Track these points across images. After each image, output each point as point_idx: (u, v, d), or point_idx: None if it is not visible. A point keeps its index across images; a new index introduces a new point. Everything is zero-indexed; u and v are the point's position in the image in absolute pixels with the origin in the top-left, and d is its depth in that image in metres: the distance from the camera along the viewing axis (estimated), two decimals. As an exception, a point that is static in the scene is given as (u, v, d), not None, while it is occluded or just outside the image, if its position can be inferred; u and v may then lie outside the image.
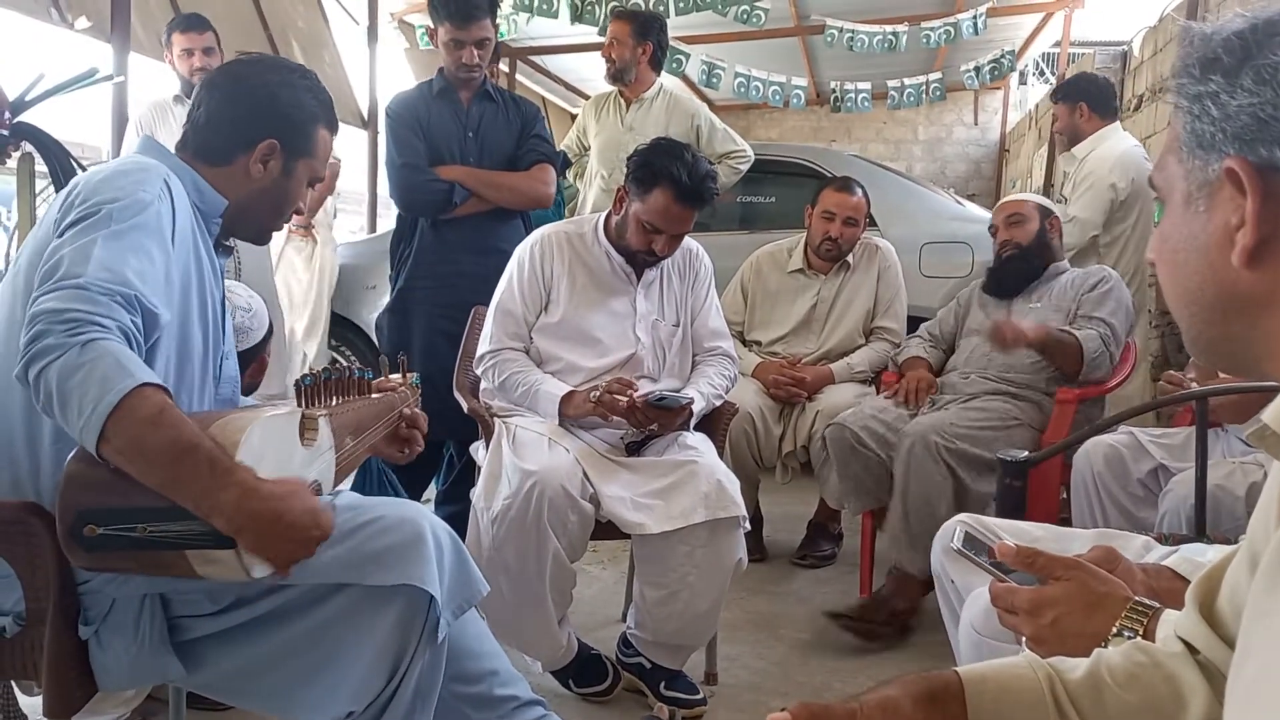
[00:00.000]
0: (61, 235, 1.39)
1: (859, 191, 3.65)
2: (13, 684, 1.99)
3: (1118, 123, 4.35)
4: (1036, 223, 3.27)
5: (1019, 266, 3.27)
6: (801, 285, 3.71)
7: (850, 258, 3.69)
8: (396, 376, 1.92)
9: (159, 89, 4.21)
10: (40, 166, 2.15)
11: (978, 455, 2.82)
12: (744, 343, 3.70)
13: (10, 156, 2.07)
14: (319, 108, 1.71)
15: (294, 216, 1.79)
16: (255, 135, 1.63)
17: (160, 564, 1.30)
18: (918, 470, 2.83)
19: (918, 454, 2.83)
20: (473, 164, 3.25)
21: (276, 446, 1.37)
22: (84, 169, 2.04)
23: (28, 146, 2.09)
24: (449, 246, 3.26)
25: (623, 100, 4.35)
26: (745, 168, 4.40)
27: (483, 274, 3.06)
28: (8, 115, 1.99)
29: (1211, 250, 0.74)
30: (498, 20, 3.26)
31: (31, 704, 2.03)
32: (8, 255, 2.28)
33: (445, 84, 3.28)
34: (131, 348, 1.29)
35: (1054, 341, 2.99)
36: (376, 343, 3.54)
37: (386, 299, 3.49)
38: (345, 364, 2.16)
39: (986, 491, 2.76)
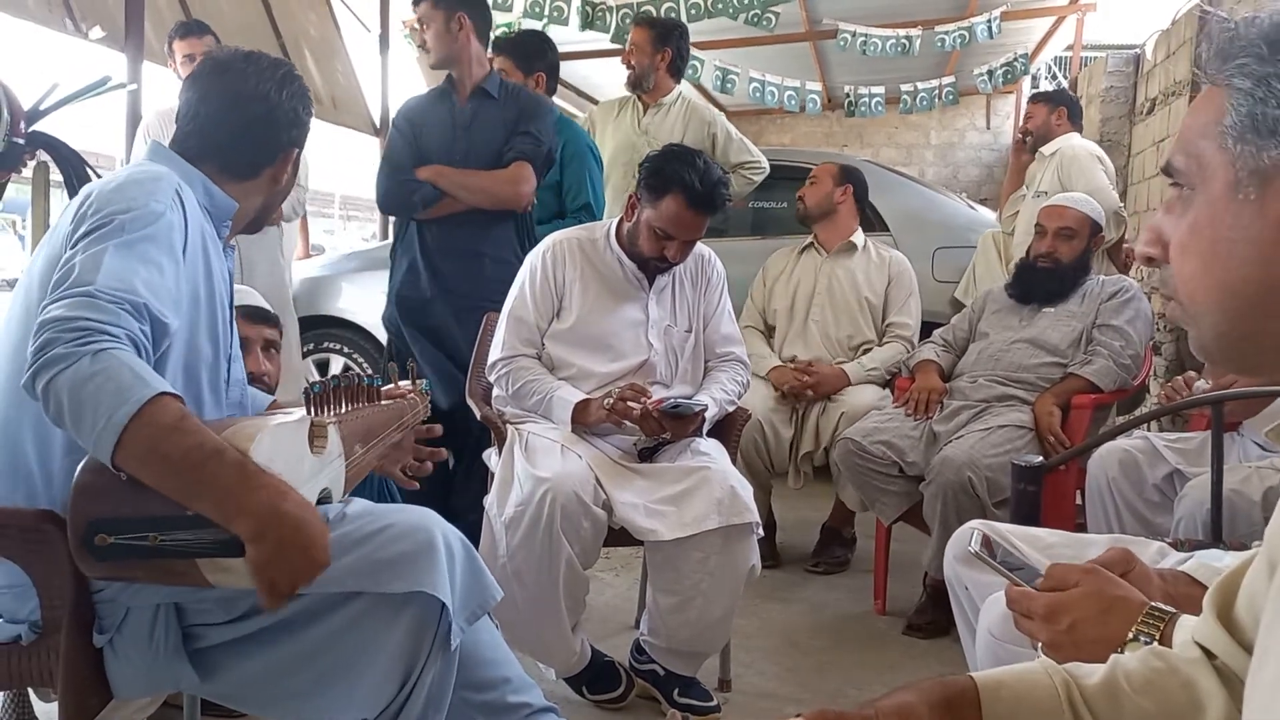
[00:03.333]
0: (74, 246, 1.39)
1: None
2: (29, 691, 2.00)
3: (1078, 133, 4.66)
4: (1084, 241, 3.20)
5: (1049, 284, 3.22)
6: (803, 263, 3.82)
7: (856, 239, 3.77)
8: (406, 383, 1.93)
9: (171, 97, 4.24)
10: (55, 175, 2.16)
11: (1007, 485, 2.81)
12: (769, 336, 3.75)
13: (25, 165, 2.08)
14: (309, 99, 1.76)
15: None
16: (279, 148, 1.69)
17: (172, 572, 1.30)
18: (954, 504, 2.82)
19: (954, 490, 2.82)
20: (458, 163, 3.19)
21: (286, 454, 1.37)
22: (100, 177, 2.05)
23: (43, 155, 2.10)
24: (439, 250, 3.23)
25: (640, 105, 4.36)
26: (759, 179, 4.39)
27: (471, 276, 3.09)
28: (23, 124, 2.00)
29: (1265, 242, 0.71)
30: (457, 6, 3.19)
31: (47, 710, 2.04)
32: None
33: (448, 85, 3.28)
34: (141, 356, 1.29)
35: (1068, 392, 3.02)
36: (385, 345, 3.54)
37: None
38: (356, 370, 2.18)
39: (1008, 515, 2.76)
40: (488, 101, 3.24)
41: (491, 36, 3.49)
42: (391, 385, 1.90)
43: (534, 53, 3.80)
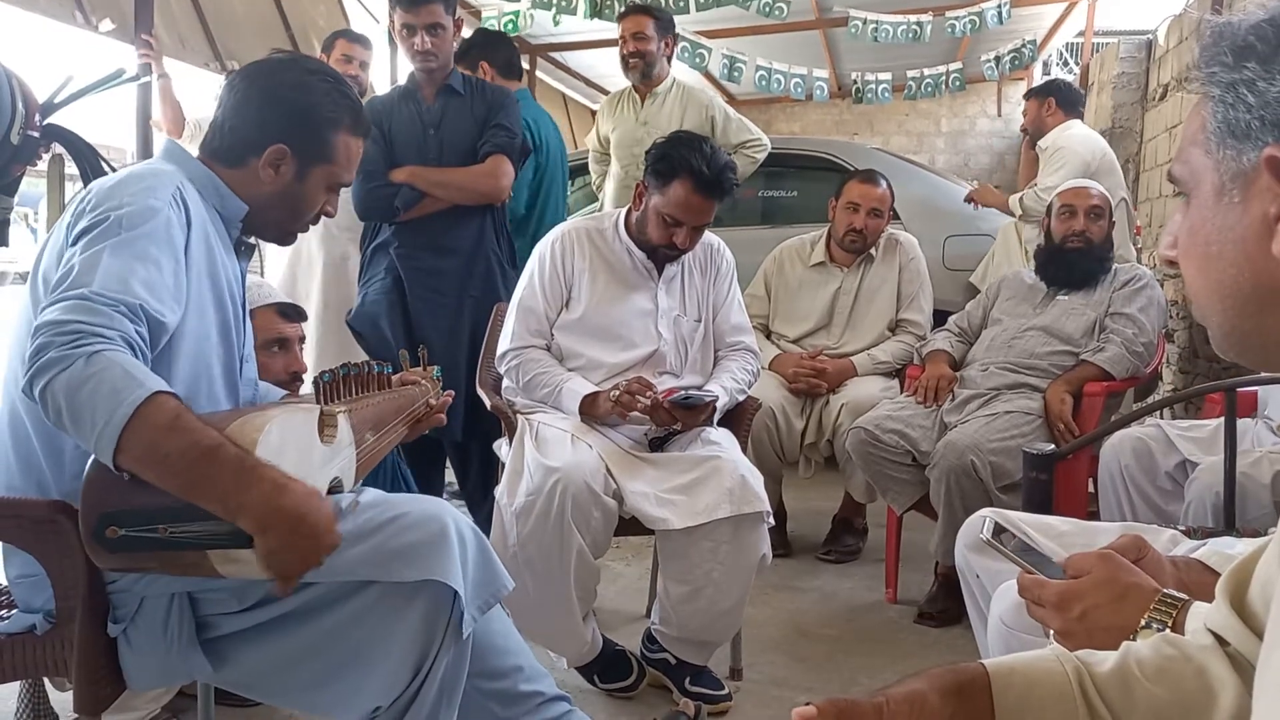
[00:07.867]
0: (74, 244, 1.40)
1: (883, 183, 3.64)
2: (44, 680, 2.01)
3: (1079, 120, 4.58)
4: (1109, 222, 3.21)
5: (1082, 264, 3.17)
6: (824, 278, 3.70)
7: (873, 250, 3.67)
8: (418, 370, 1.93)
9: (181, 91, 4.24)
10: (70, 169, 2.16)
11: (1012, 469, 2.79)
12: (767, 335, 3.70)
13: (41, 159, 2.09)
14: (340, 112, 1.65)
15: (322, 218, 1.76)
16: (265, 139, 1.61)
17: (183, 564, 1.31)
18: (957, 488, 2.82)
19: (957, 474, 2.81)
20: (432, 162, 3.16)
21: (296, 444, 1.37)
22: (114, 170, 2.06)
23: (58, 148, 2.11)
24: (414, 250, 3.21)
25: (637, 95, 4.35)
26: (762, 156, 4.38)
27: (446, 273, 3.12)
28: (38, 117, 2.01)
29: (1249, 241, 0.73)
30: (455, 12, 3.17)
31: (62, 700, 2.06)
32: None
33: (412, 85, 3.24)
34: (137, 357, 1.29)
35: (1080, 380, 3.00)
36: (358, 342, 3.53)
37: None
38: (366, 359, 2.19)
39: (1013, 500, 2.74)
40: (455, 98, 3.22)
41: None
42: (404, 372, 1.91)
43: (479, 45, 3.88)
